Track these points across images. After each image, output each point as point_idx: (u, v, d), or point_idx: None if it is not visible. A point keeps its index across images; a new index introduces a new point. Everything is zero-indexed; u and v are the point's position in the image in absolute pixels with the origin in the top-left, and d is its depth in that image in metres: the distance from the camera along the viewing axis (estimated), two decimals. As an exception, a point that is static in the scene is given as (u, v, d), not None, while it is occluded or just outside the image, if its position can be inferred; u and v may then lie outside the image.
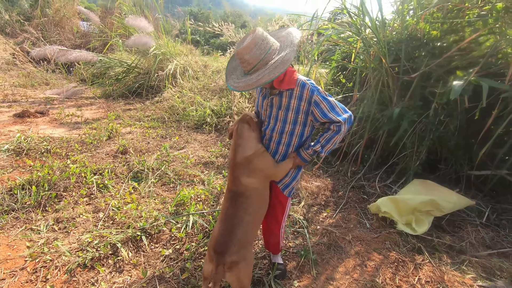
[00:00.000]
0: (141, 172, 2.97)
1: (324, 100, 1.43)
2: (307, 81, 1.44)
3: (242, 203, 1.44)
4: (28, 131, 3.81)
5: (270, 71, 1.29)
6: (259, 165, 1.49)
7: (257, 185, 1.48)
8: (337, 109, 1.45)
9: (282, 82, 1.42)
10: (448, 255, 2.13)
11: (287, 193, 1.64)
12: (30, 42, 9.01)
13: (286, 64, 1.28)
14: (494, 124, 2.68)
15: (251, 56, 1.30)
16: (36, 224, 2.11)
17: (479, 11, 2.93)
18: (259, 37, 1.30)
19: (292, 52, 1.31)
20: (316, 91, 1.43)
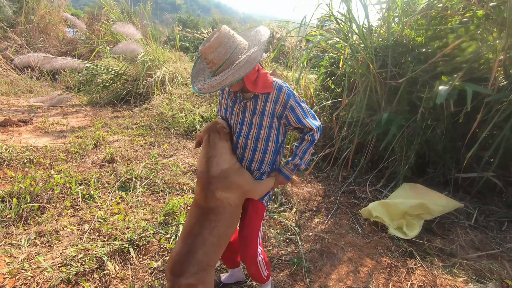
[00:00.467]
0: (129, 181, 2.89)
1: (299, 106, 1.39)
2: (283, 84, 1.39)
3: (210, 221, 1.31)
4: (10, 140, 3.67)
5: (235, 71, 1.19)
6: (237, 180, 1.37)
7: (232, 201, 1.35)
8: (310, 116, 1.43)
9: (256, 85, 1.33)
10: (440, 258, 2.14)
11: (265, 202, 1.53)
12: (13, 49, 8.79)
13: (252, 63, 1.20)
14: (479, 127, 2.75)
15: (215, 55, 1.21)
16: (17, 239, 2.01)
17: (461, 18, 3.02)
18: (225, 35, 1.21)
19: (260, 50, 1.23)
20: (292, 95, 1.37)
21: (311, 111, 1.45)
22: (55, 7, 10.78)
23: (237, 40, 1.24)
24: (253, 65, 1.19)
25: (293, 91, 1.40)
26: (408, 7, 3.26)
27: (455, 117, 2.90)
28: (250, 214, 1.51)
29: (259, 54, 1.21)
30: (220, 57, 1.20)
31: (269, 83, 1.35)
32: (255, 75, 1.32)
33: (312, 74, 4.86)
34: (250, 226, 1.51)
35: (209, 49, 1.20)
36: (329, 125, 3.88)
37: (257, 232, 1.53)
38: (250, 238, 1.53)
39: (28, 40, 9.57)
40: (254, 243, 1.52)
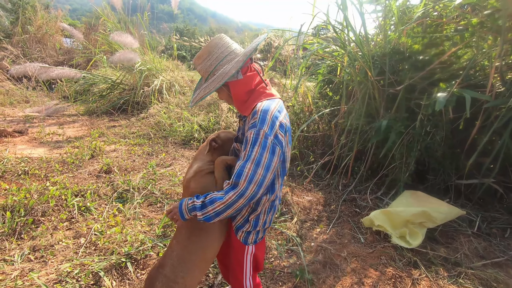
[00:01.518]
0: (126, 192, 2.84)
1: (252, 146, 1.02)
2: (261, 109, 1.07)
3: (180, 230, 1.23)
4: (5, 151, 3.61)
5: (207, 85, 1.11)
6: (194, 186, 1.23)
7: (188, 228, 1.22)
8: (249, 166, 1.00)
9: (244, 106, 1.15)
10: (444, 268, 2.10)
11: (241, 238, 1.21)
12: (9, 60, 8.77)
13: (222, 78, 1.07)
14: (478, 133, 2.75)
15: (202, 67, 1.14)
16: (10, 254, 1.94)
17: (456, 26, 3.06)
18: (215, 45, 1.12)
19: (236, 63, 1.07)
20: (256, 128, 1.03)
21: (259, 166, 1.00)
22: (52, 17, 10.84)
23: (228, 50, 1.12)
24: (223, 80, 1.06)
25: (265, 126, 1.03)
26: (404, 16, 3.30)
27: (454, 123, 2.90)
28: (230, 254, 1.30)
29: (234, 67, 1.07)
30: (206, 69, 1.13)
31: (252, 105, 1.12)
32: (248, 95, 1.14)
33: (310, 82, 4.88)
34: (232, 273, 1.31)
35: (197, 60, 1.15)
36: (328, 133, 3.87)
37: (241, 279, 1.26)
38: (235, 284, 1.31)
39: (24, 50, 9.56)
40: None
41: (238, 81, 1.12)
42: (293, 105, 4.13)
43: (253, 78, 1.16)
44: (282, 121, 1.09)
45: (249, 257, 1.24)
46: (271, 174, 1.04)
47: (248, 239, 1.21)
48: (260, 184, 1.02)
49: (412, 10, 3.33)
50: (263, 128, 1.02)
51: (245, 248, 1.23)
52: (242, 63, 1.07)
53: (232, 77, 1.10)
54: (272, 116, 1.06)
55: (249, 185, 1.00)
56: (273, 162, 1.03)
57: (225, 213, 1.04)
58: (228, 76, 1.06)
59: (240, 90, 1.14)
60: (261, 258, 1.31)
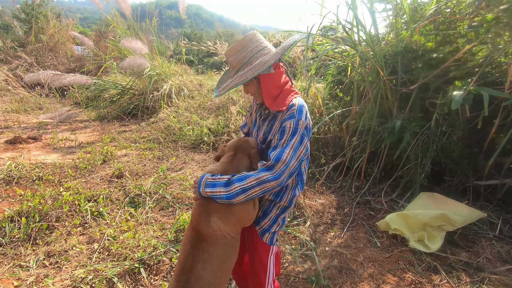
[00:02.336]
0: (138, 196, 2.84)
1: (292, 135, 1.09)
2: (297, 102, 1.16)
3: (203, 252, 1.08)
4: (20, 158, 3.68)
5: (244, 72, 1.13)
6: (240, 211, 1.13)
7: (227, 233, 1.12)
8: (288, 151, 1.07)
9: (275, 102, 1.17)
10: (466, 273, 2.02)
11: (267, 239, 1.23)
12: (23, 68, 9.01)
13: (261, 66, 1.09)
14: (496, 132, 2.65)
15: (234, 58, 1.16)
16: (25, 260, 1.96)
17: (470, 23, 2.97)
18: (250, 39, 1.16)
19: (275, 55, 1.11)
20: (295, 118, 1.11)
21: (296, 152, 1.08)
22: (63, 26, 11.11)
23: (262, 45, 1.17)
24: (262, 69, 1.08)
25: (303, 116, 1.13)
26: (415, 13, 3.23)
27: (471, 122, 2.81)
28: (252, 260, 1.27)
29: (273, 57, 1.10)
30: (239, 60, 1.16)
31: (287, 100, 1.17)
32: (278, 90, 1.19)
33: (319, 83, 4.83)
34: (255, 279, 1.27)
35: (231, 51, 1.17)
36: (339, 134, 3.81)
37: (264, 283, 1.25)
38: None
39: (38, 58, 9.83)
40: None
41: (269, 75, 1.17)
42: (303, 107, 4.08)
43: (282, 75, 1.22)
44: (309, 115, 1.19)
45: (272, 258, 1.28)
46: (305, 156, 1.15)
47: (273, 239, 1.26)
48: (293, 172, 1.09)
49: (423, 7, 3.26)
50: (301, 118, 1.12)
51: (270, 248, 1.25)
52: (281, 55, 1.11)
53: (266, 69, 1.14)
54: (307, 110, 1.17)
55: (286, 168, 1.06)
56: (299, 152, 1.10)
57: (251, 191, 1.06)
58: (267, 65, 1.09)
59: (270, 84, 1.18)
60: (279, 259, 1.35)
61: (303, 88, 4.12)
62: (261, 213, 1.25)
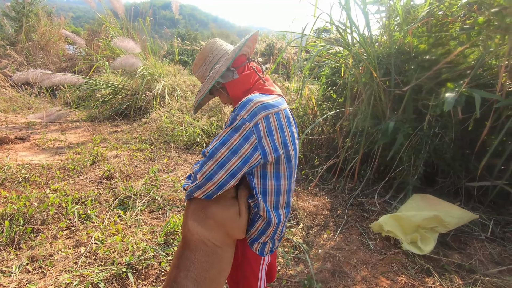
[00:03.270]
0: (127, 198, 2.78)
1: (227, 126, 0.98)
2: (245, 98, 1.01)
3: (186, 260, 1.01)
4: (6, 158, 3.57)
5: (200, 88, 1.12)
6: (218, 213, 1.04)
7: (208, 240, 1.02)
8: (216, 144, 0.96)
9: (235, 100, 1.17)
10: (459, 275, 2.01)
11: (257, 249, 1.14)
12: (13, 67, 8.82)
13: (215, 76, 1.05)
14: (488, 134, 2.66)
15: (199, 74, 1.15)
16: (8, 265, 1.88)
17: (462, 25, 2.99)
18: (208, 50, 1.12)
19: (226, 61, 1.06)
20: (235, 113, 0.98)
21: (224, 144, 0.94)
22: (55, 25, 10.93)
23: (222, 52, 1.11)
24: (215, 79, 1.04)
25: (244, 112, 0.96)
26: (408, 15, 3.24)
27: (463, 124, 2.82)
28: (243, 266, 1.19)
29: (224, 64, 1.05)
30: (202, 74, 1.13)
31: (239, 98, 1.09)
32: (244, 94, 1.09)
33: (313, 85, 4.82)
34: (245, 286, 1.20)
35: (195, 67, 1.16)
36: (333, 136, 3.80)
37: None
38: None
39: (28, 57, 9.63)
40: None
41: (234, 81, 1.10)
42: (297, 108, 4.07)
43: (250, 77, 1.12)
44: (270, 114, 0.97)
45: (264, 267, 1.18)
46: (238, 160, 0.94)
47: (264, 250, 1.15)
48: (221, 165, 0.93)
49: (416, 9, 3.27)
50: (241, 113, 0.95)
51: (261, 259, 1.16)
52: (231, 60, 1.04)
53: (227, 77, 1.09)
54: (257, 105, 0.96)
55: (208, 160, 0.95)
56: (242, 148, 0.94)
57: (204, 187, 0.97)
58: (219, 74, 1.03)
59: (237, 90, 1.11)
60: (274, 266, 1.26)
61: (297, 89, 4.10)
62: (250, 221, 1.14)
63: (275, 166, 1.04)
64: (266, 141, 0.97)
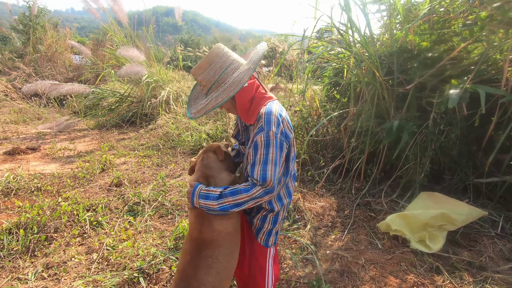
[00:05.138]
0: (136, 205, 2.83)
1: (265, 148, 1.07)
2: (264, 112, 1.11)
3: (206, 258, 1.08)
4: (18, 169, 3.67)
5: (218, 94, 1.08)
6: None
7: (232, 227, 1.15)
8: (270, 167, 1.05)
9: (248, 114, 1.17)
10: (469, 272, 2.00)
11: (261, 240, 1.23)
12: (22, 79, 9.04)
13: (236, 85, 1.06)
14: (495, 129, 2.64)
15: (204, 77, 1.12)
16: (24, 273, 1.94)
17: (464, 21, 2.98)
18: (216, 54, 1.11)
19: (248, 70, 1.08)
20: (265, 131, 1.07)
21: (277, 164, 1.07)
22: (61, 36, 11.17)
23: (230, 59, 1.13)
24: (238, 88, 1.06)
25: (272, 126, 1.08)
26: (409, 13, 3.24)
27: (468, 121, 2.80)
28: (251, 263, 1.25)
29: (247, 74, 1.07)
30: (209, 79, 1.11)
31: (256, 111, 1.15)
32: (250, 102, 1.17)
33: (316, 86, 4.83)
34: (253, 283, 1.26)
35: (198, 69, 1.13)
36: (337, 136, 3.80)
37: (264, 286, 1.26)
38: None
39: (36, 69, 9.86)
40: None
41: (242, 89, 1.15)
42: (301, 110, 4.09)
43: (254, 85, 1.20)
44: (285, 118, 1.15)
45: (271, 260, 1.27)
46: (280, 166, 1.11)
47: (268, 241, 1.25)
48: (279, 182, 1.12)
49: (417, 7, 3.27)
50: (271, 129, 1.08)
51: (267, 251, 1.25)
52: (253, 71, 1.09)
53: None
54: (276, 115, 1.11)
55: (277, 184, 1.09)
56: (282, 158, 1.11)
57: (244, 205, 1.08)
58: (242, 84, 1.07)
59: (244, 98, 1.16)
60: (277, 264, 1.35)
61: (300, 91, 4.12)
62: (254, 211, 1.26)
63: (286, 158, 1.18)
64: (293, 147, 1.21)
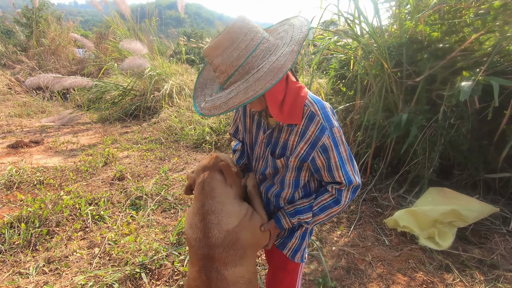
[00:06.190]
0: (139, 199, 2.80)
1: (336, 148, 0.93)
2: (318, 110, 0.92)
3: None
4: (21, 162, 3.66)
5: (249, 85, 0.77)
6: (251, 238, 0.94)
7: (250, 272, 0.93)
8: (349, 166, 0.96)
9: (282, 110, 0.90)
10: (480, 271, 1.94)
11: (298, 258, 1.12)
12: (26, 72, 9.03)
13: (276, 74, 0.76)
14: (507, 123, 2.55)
15: (223, 60, 0.80)
16: (25, 267, 1.92)
17: (476, 10, 2.86)
18: (239, 30, 0.79)
19: (292, 53, 0.78)
20: (328, 130, 0.91)
21: (352, 159, 0.98)
22: (64, 29, 11.11)
23: (259, 35, 0.82)
24: (278, 77, 0.75)
25: (332, 119, 0.94)
26: (419, 3, 3.12)
27: (480, 114, 2.71)
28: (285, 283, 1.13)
29: (290, 59, 0.77)
30: (230, 63, 0.79)
31: (299, 108, 0.92)
32: (283, 92, 0.91)
33: (321, 79, 4.73)
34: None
35: (215, 49, 0.80)
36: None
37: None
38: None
39: (40, 62, 9.84)
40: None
41: None
42: (306, 103, 4.00)
43: None
44: None
45: (301, 275, 1.18)
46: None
47: (303, 256, 1.15)
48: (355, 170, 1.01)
49: (427, -4, 3.15)
50: (334, 125, 0.93)
51: (300, 266, 1.15)
52: (298, 54, 0.79)
53: None
54: (329, 106, 0.98)
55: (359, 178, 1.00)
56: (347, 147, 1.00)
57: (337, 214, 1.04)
58: (283, 72, 0.76)
59: (278, 89, 0.89)
60: None
61: (306, 84, 4.03)
62: (287, 233, 1.12)
63: None
64: None
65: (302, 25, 0.86)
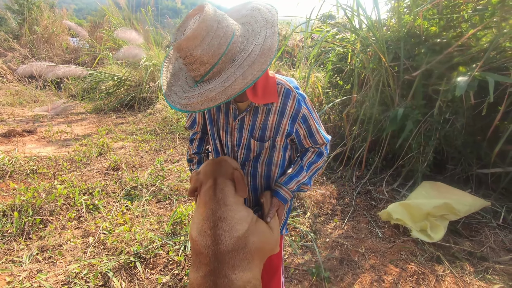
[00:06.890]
0: (134, 189, 2.79)
1: (312, 115, 1.06)
2: (290, 85, 1.01)
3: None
4: (14, 151, 3.60)
5: (245, 70, 0.76)
6: (258, 242, 0.94)
7: (256, 280, 0.92)
8: (322, 128, 1.11)
9: (255, 92, 0.93)
10: (470, 262, 1.98)
11: (283, 231, 1.25)
12: (18, 60, 8.84)
13: (269, 54, 0.76)
14: (501, 119, 2.58)
15: (204, 50, 0.76)
16: (18, 255, 1.91)
17: (475, 6, 2.87)
18: (211, 18, 0.76)
19: (274, 34, 0.78)
20: (302, 101, 1.03)
21: (320, 120, 1.14)
22: (57, 17, 10.86)
23: (230, 22, 0.81)
24: (271, 58, 0.76)
25: (302, 92, 1.06)
26: (418, -3, 3.11)
27: (475, 109, 2.73)
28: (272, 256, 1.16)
29: (275, 39, 0.78)
30: (212, 52, 0.77)
31: (272, 87, 0.97)
32: (266, 75, 1.00)
33: (318, 72, 4.72)
34: (268, 270, 1.21)
35: (193, 40, 0.75)
36: (339, 124, 3.73)
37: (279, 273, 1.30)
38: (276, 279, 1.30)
39: (32, 50, 9.63)
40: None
41: None
42: (302, 96, 3.99)
43: None
44: None
45: (282, 246, 1.31)
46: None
47: (285, 228, 1.27)
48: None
49: (427, -10, 3.14)
50: (305, 96, 1.07)
51: (282, 238, 1.26)
52: (278, 34, 0.80)
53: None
54: (295, 81, 1.08)
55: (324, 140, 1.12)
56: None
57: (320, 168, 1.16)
58: (273, 52, 0.77)
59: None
60: None
61: (303, 77, 4.02)
62: None
63: None
64: None
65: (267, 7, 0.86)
